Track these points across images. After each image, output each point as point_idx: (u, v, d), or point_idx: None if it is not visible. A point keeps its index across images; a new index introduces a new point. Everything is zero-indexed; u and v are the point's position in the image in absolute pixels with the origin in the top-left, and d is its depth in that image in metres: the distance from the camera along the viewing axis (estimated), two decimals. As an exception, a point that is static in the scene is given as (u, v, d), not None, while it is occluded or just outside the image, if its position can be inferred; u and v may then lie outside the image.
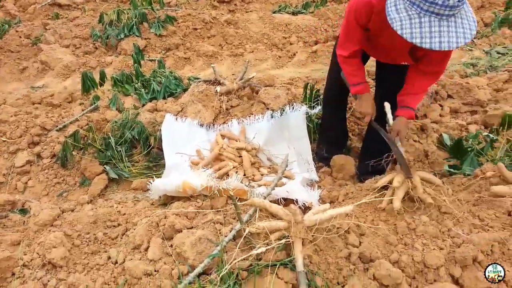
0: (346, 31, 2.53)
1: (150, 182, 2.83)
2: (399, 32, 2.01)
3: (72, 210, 2.76)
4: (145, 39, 5.57)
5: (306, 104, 3.52)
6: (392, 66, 2.68)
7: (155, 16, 5.71)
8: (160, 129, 3.37)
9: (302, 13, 6.13)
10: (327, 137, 3.33)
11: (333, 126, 3.27)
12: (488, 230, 2.11)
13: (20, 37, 5.52)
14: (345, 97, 3.15)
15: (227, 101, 3.66)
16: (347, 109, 3.38)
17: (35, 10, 6.38)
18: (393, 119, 2.55)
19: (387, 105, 2.55)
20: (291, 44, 5.52)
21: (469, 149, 3.02)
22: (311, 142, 3.31)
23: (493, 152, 3.04)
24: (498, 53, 4.71)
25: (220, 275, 1.85)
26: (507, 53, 4.65)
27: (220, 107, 3.63)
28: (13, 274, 2.23)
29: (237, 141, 3.30)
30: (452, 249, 2.01)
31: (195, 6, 6.38)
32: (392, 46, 2.43)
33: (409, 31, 1.98)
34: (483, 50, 4.84)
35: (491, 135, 3.14)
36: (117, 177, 3.26)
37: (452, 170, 2.90)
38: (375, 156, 2.58)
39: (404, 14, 2.00)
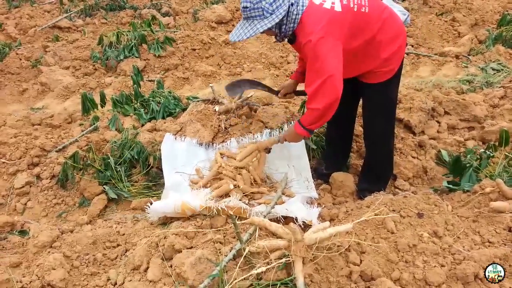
0: None
1: (148, 205, 2.82)
2: None
3: (71, 231, 2.75)
4: (144, 60, 5.63)
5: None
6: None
7: (154, 37, 5.78)
8: (160, 149, 3.38)
9: (299, 32, 6.23)
10: (328, 153, 3.35)
11: (334, 143, 3.28)
12: (489, 246, 2.11)
13: (21, 59, 5.58)
14: (349, 115, 3.12)
15: (226, 120, 3.68)
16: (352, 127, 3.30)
17: (36, 33, 6.46)
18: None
19: None
20: (288, 63, 5.58)
21: (467, 165, 3.03)
22: (309, 160, 3.32)
23: (491, 168, 3.06)
24: (493, 69, 4.76)
25: (221, 296, 1.84)
26: (502, 70, 4.71)
27: (219, 126, 3.65)
28: (11, 297, 2.21)
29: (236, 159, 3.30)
30: (453, 266, 2.00)
31: (193, 28, 6.46)
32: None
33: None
34: (479, 67, 4.90)
35: (488, 152, 3.15)
36: (117, 197, 3.25)
37: (451, 186, 2.90)
38: (376, 173, 2.57)
39: None
